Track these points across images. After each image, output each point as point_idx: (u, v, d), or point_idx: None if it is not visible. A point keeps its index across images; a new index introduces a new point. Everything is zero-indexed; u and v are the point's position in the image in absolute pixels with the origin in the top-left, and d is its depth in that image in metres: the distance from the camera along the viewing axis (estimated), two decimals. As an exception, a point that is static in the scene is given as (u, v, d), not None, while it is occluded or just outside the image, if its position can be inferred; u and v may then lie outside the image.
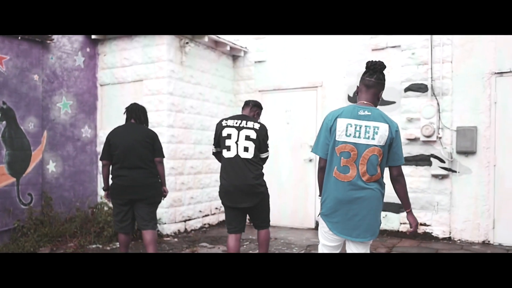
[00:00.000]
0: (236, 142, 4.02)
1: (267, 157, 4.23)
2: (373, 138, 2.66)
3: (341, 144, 2.71)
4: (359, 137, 2.67)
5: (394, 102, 6.46)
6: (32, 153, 5.94)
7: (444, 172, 6.07)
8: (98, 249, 5.64)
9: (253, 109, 4.34)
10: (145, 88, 6.51)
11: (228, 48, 7.31)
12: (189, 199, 6.82)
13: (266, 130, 4.17)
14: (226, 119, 4.17)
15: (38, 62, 6.01)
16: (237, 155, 4.01)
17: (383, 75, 2.81)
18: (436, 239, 6.15)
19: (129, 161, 4.32)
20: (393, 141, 2.70)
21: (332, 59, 6.95)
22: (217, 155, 4.25)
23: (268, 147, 4.20)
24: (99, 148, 6.92)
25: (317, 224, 7.11)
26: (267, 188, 4.20)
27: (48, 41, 6.08)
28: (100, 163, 6.88)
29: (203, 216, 7.16)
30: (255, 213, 4.19)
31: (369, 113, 2.71)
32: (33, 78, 5.93)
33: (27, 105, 5.86)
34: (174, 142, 6.46)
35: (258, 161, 4.10)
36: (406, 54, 6.36)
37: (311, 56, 7.12)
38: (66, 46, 6.42)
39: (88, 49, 6.79)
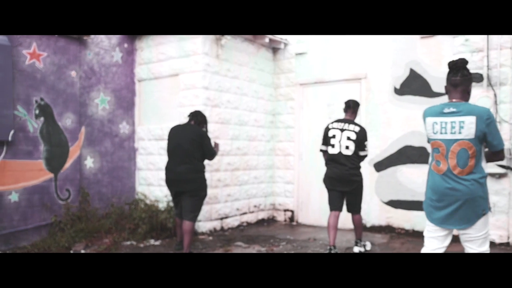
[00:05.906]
0: (340, 142, 4.94)
1: (365, 155, 5.04)
2: (459, 133, 2.81)
3: (431, 141, 2.99)
4: (445, 133, 2.86)
5: (445, 94, 5.89)
6: (70, 149, 5.99)
7: (502, 170, 5.47)
8: (131, 246, 5.59)
9: (354, 109, 5.13)
10: (181, 82, 6.38)
11: (267, 40, 7.04)
12: (226, 197, 6.63)
13: (365, 133, 4.99)
14: (332, 123, 5.09)
15: (76, 58, 6.04)
16: (340, 152, 4.95)
17: (467, 70, 2.93)
18: (492, 244, 5.55)
19: (176, 157, 4.88)
20: (485, 132, 2.78)
21: (377, 48, 6.48)
22: (323, 152, 5.16)
23: (366, 147, 5.00)
24: (137, 144, 6.91)
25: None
26: (361, 178, 5.08)
27: (85, 38, 6.09)
28: (138, 159, 6.90)
29: (241, 214, 6.95)
30: (349, 197, 5.09)
31: (455, 109, 2.84)
32: (70, 75, 5.97)
33: (64, 101, 5.90)
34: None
35: (356, 157, 4.97)
36: (458, 41, 5.79)
37: (354, 46, 6.69)
38: (104, 42, 6.42)
39: (126, 45, 6.77)
